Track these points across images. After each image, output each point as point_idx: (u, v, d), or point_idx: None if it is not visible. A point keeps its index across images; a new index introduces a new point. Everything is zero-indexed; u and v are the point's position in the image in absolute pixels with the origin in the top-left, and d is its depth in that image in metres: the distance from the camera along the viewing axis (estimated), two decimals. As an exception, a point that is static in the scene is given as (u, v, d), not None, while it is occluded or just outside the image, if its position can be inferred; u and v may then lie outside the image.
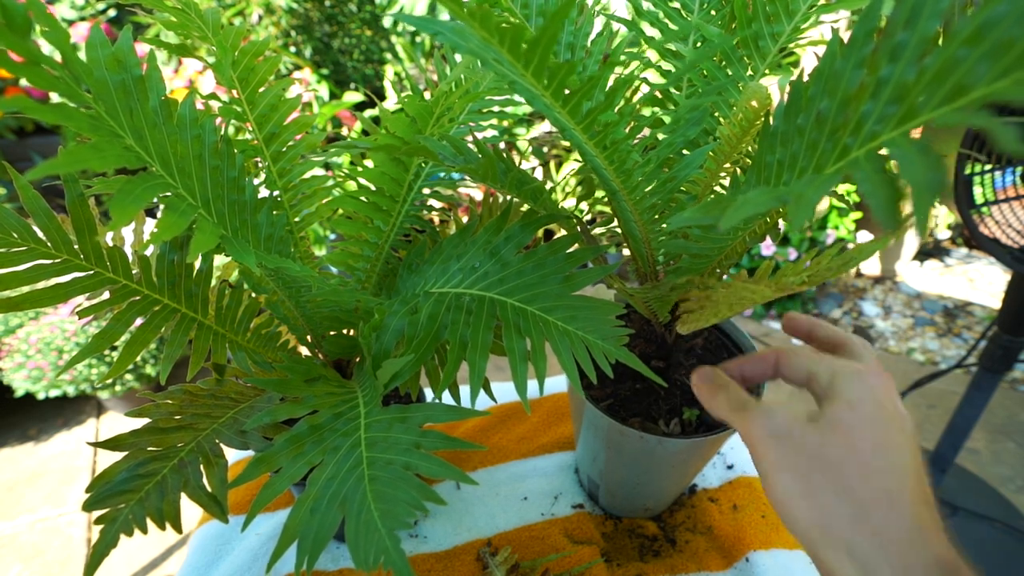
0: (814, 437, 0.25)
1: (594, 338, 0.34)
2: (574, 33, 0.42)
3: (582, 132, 0.27)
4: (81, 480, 1.44)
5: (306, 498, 0.27)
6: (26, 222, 0.32)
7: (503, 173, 0.34)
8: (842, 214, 1.81)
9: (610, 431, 0.45)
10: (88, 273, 0.34)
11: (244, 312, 0.42)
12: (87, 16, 2.07)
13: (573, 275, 0.35)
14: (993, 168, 0.60)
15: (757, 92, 0.31)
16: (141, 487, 0.33)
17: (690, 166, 0.36)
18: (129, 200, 0.22)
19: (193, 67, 1.64)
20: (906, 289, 2.08)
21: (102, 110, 0.25)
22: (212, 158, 0.31)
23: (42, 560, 1.25)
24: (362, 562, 0.25)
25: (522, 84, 0.24)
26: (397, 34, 2.25)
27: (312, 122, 0.46)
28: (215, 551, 0.55)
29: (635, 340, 0.48)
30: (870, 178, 0.14)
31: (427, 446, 0.29)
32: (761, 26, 0.39)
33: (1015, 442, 1.42)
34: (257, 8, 2.00)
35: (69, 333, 1.36)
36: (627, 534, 0.56)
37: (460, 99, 0.41)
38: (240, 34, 0.41)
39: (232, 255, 0.26)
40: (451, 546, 0.54)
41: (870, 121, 0.16)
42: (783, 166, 0.22)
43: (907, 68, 0.15)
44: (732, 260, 0.38)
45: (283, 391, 0.32)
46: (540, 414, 0.70)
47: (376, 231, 0.44)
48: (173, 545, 1.28)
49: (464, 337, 0.34)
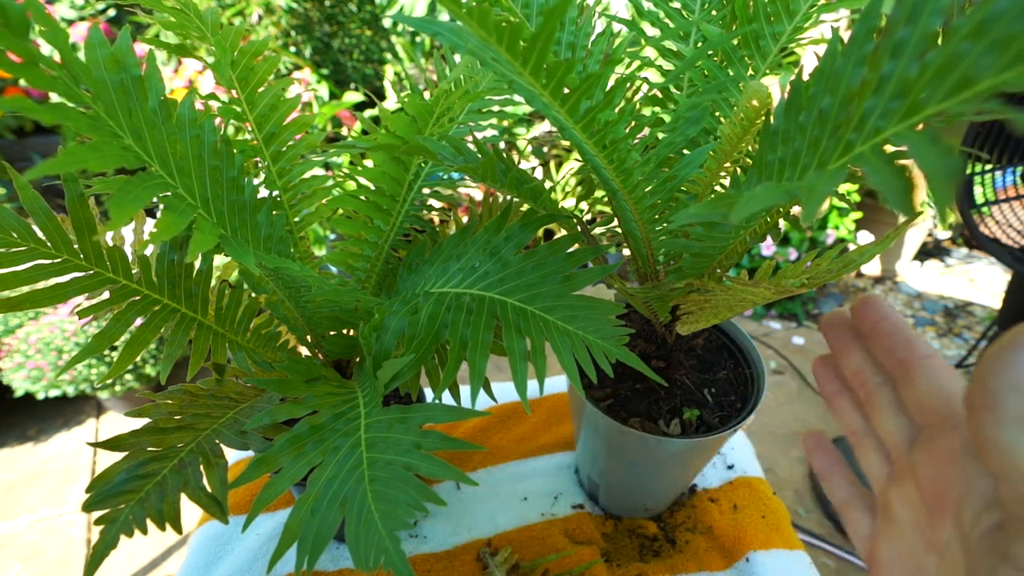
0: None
1: (594, 338, 0.34)
2: (575, 33, 0.42)
3: (581, 131, 0.27)
4: (81, 480, 1.44)
5: (306, 498, 0.27)
6: (26, 222, 0.32)
7: (503, 173, 0.34)
8: (842, 214, 1.81)
9: (610, 431, 0.45)
10: (88, 273, 0.34)
11: (244, 312, 0.42)
12: (86, 16, 2.07)
13: (573, 275, 0.35)
14: (993, 168, 0.60)
15: (758, 91, 0.31)
16: (141, 487, 0.33)
17: (690, 165, 0.36)
18: (128, 200, 0.22)
19: (193, 67, 1.64)
20: (906, 289, 2.08)
21: (101, 110, 0.25)
22: (211, 158, 0.31)
23: (42, 560, 1.25)
24: (362, 562, 0.25)
25: (521, 83, 0.24)
26: (397, 34, 2.25)
27: (312, 122, 0.45)
28: (215, 551, 0.55)
29: (635, 340, 0.48)
30: (880, 170, 0.14)
31: (427, 446, 0.29)
32: (762, 25, 0.39)
33: (1015, 442, 1.41)
34: (257, 8, 2.00)
35: (69, 333, 1.36)
36: (627, 534, 0.56)
37: (460, 99, 0.41)
38: (239, 34, 0.41)
39: (232, 255, 0.26)
40: (451, 546, 0.54)
41: (874, 116, 0.16)
42: (785, 164, 0.22)
43: (909, 64, 0.15)
44: (732, 260, 0.38)
45: (283, 391, 0.32)
46: (540, 414, 0.70)
47: (376, 231, 0.44)
48: (173, 545, 1.28)
49: (464, 337, 0.34)
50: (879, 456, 0.27)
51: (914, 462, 0.24)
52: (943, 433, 0.23)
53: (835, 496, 0.29)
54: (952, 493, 0.22)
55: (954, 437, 0.22)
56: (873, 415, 0.27)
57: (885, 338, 0.26)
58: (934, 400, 0.24)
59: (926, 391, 0.24)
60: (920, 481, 0.23)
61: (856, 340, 0.28)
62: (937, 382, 0.24)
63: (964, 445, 0.22)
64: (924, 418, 0.24)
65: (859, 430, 0.28)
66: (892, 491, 0.25)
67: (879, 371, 0.27)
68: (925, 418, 0.24)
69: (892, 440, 0.26)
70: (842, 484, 0.29)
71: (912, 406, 0.25)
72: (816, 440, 0.31)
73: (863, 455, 0.28)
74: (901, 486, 0.24)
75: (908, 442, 0.25)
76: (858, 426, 0.28)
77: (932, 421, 0.24)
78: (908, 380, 0.25)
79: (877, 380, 0.27)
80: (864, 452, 0.28)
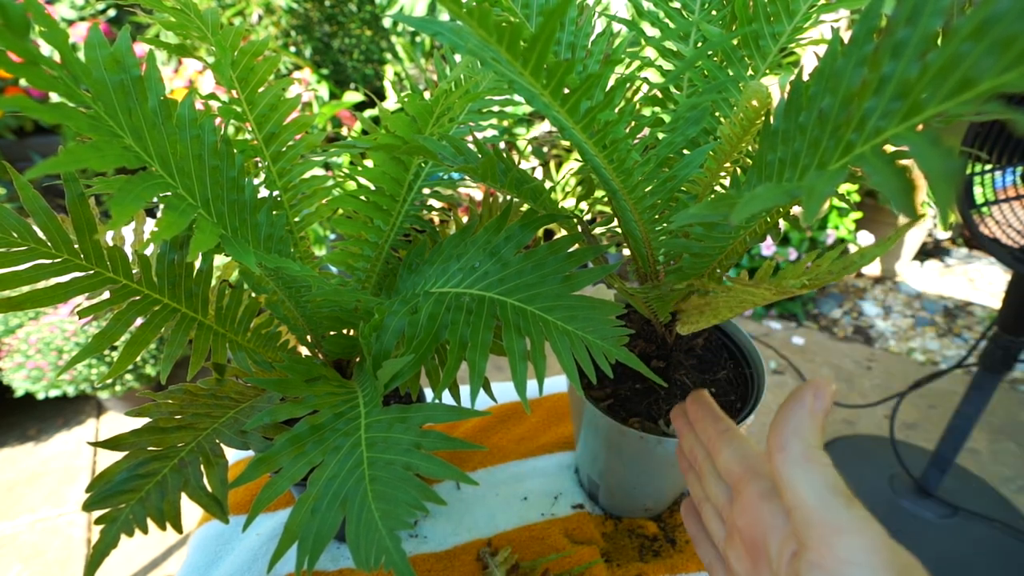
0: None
1: (594, 338, 0.34)
2: (575, 33, 0.42)
3: (581, 131, 0.27)
4: (81, 480, 1.44)
5: (307, 498, 0.27)
6: (26, 222, 0.32)
7: (503, 173, 0.34)
8: (843, 214, 1.81)
9: (610, 431, 0.45)
10: (88, 273, 0.34)
11: (244, 312, 0.42)
12: (86, 16, 2.07)
13: (573, 275, 0.35)
14: (993, 168, 0.60)
15: (757, 91, 0.31)
16: (141, 487, 0.33)
17: (690, 165, 0.36)
18: (129, 199, 0.22)
19: (193, 67, 1.64)
20: (906, 289, 2.08)
21: (101, 110, 0.25)
22: (211, 158, 0.31)
23: (42, 560, 1.25)
24: (362, 562, 0.25)
25: (521, 83, 0.24)
26: (397, 34, 2.25)
27: (312, 122, 0.45)
28: (215, 551, 0.55)
29: (635, 340, 0.48)
30: (881, 170, 0.14)
31: (427, 446, 0.29)
32: (761, 26, 0.39)
33: (1015, 442, 1.42)
34: (257, 8, 2.00)
35: (69, 333, 1.36)
36: (627, 534, 0.56)
37: (460, 99, 0.41)
38: (239, 34, 0.41)
39: (232, 255, 0.26)
40: (451, 546, 0.54)
41: (874, 117, 0.16)
42: (784, 164, 0.22)
43: (910, 65, 0.15)
44: (732, 260, 0.38)
45: (283, 391, 0.32)
46: (540, 414, 0.70)
47: (376, 231, 0.44)
48: (173, 545, 1.28)
49: (464, 337, 0.34)
50: (717, 520, 0.31)
51: (733, 517, 0.28)
52: (746, 487, 0.27)
53: (704, 558, 0.32)
54: (759, 535, 0.26)
55: (754, 487, 0.27)
56: (704, 484, 0.32)
57: (700, 421, 0.33)
58: (735, 464, 0.29)
59: (729, 457, 0.29)
60: (740, 532, 0.27)
61: (688, 425, 0.34)
62: (736, 449, 0.29)
63: (761, 492, 0.26)
64: (732, 479, 0.29)
65: (700, 498, 0.33)
66: (728, 549, 0.29)
67: (702, 447, 0.33)
68: (732, 479, 0.29)
69: (719, 504, 0.30)
70: (708, 547, 0.32)
71: (723, 471, 0.30)
72: (688, 508, 0.35)
73: (707, 522, 0.32)
74: (732, 542, 0.28)
75: (729, 504, 0.30)
76: (699, 495, 0.33)
77: (738, 480, 0.28)
78: (716, 451, 0.31)
79: (702, 455, 0.32)
80: (707, 519, 0.32)
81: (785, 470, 0.23)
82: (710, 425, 0.32)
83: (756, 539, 0.26)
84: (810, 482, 0.22)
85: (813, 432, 0.24)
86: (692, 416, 0.34)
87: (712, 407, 0.33)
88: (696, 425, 0.33)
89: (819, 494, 0.22)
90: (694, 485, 0.34)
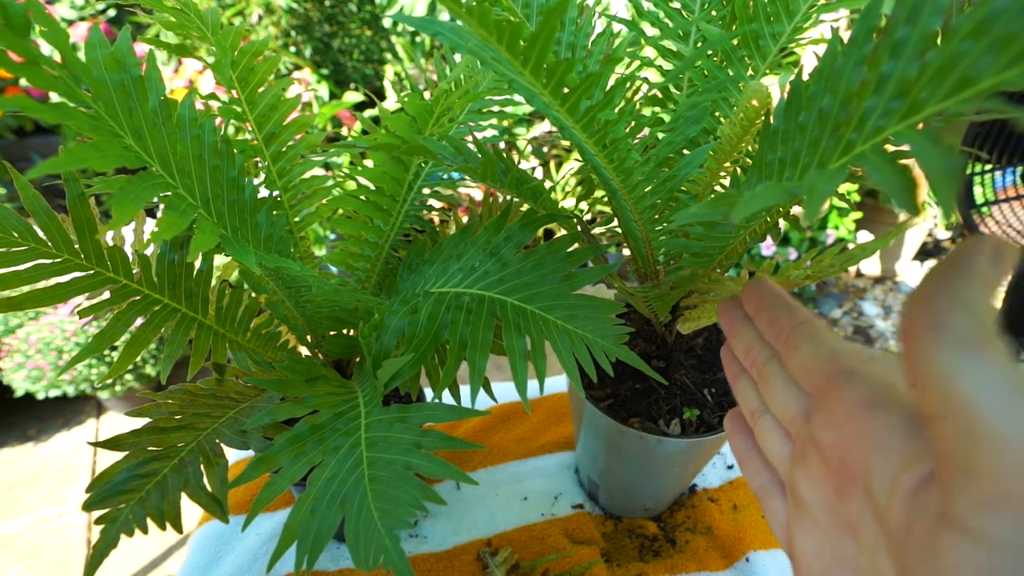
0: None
1: (594, 337, 0.34)
2: (575, 33, 0.42)
3: (581, 131, 0.27)
4: (81, 480, 1.44)
5: (306, 498, 0.27)
6: (26, 222, 0.32)
7: (503, 173, 0.34)
8: (842, 214, 1.81)
9: (610, 431, 0.45)
10: (88, 273, 0.34)
11: (244, 312, 0.42)
12: (86, 16, 2.07)
13: (573, 274, 0.35)
14: (993, 168, 0.60)
15: (757, 91, 0.31)
16: (141, 487, 0.33)
17: (690, 165, 0.36)
18: (129, 199, 0.22)
19: (193, 67, 1.64)
20: (906, 289, 2.08)
21: (101, 110, 0.25)
22: (212, 158, 0.31)
23: (42, 560, 1.25)
24: (362, 562, 0.25)
25: (521, 82, 0.24)
26: (397, 34, 2.25)
27: (312, 122, 0.45)
28: (215, 551, 0.55)
29: (635, 339, 0.48)
30: (881, 169, 0.14)
31: (427, 446, 0.29)
32: (761, 25, 0.39)
33: (1015, 442, 1.41)
34: (257, 8, 2.00)
35: (69, 333, 1.36)
36: (627, 534, 0.56)
37: (460, 99, 0.41)
38: (239, 34, 0.41)
39: (232, 255, 0.26)
40: (451, 546, 0.54)
41: (874, 116, 0.16)
42: (784, 163, 0.22)
43: (909, 63, 0.15)
44: (732, 260, 0.38)
45: (283, 391, 0.32)
46: (540, 414, 0.70)
47: (376, 231, 0.44)
48: (173, 545, 1.28)
49: (464, 336, 0.34)
50: (779, 435, 0.25)
51: (813, 431, 0.22)
52: (836, 392, 0.21)
53: (753, 483, 0.26)
54: (858, 456, 0.19)
55: (849, 391, 0.20)
56: (764, 392, 0.25)
57: (767, 311, 0.25)
58: (819, 362, 0.22)
59: (809, 354, 0.22)
60: (823, 451, 0.21)
61: (745, 319, 0.27)
62: (818, 343, 0.22)
63: (863, 398, 0.20)
64: (812, 383, 0.22)
65: (756, 409, 0.26)
66: (797, 471, 0.23)
67: (766, 346, 0.26)
68: (813, 383, 0.22)
69: (787, 416, 0.24)
70: (760, 469, 0.26)
71: (798, 373, 0.23)
72: (734, 421, 0.28)
73: (762, 437, 0.26)
74: (805, 463, 0.23)
75: (804, 415, 0.23)
76: (755, 405, 0.26)
77: (821, 384, 0.22)
78: (790, 347, 0.23)
79: (765, 355, 0.25)
80: (762, 433, 0.26)
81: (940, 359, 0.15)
82: (783, 315, 0.24)
83: (848, 460, 0.20)
84: (982, 377, 0.14)
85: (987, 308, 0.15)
86: (753, 307, 0.26)
87: (782, 294, 0.25)
88: (759, 317, 0.26)
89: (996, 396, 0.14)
90: (746, 394, 0.27)
